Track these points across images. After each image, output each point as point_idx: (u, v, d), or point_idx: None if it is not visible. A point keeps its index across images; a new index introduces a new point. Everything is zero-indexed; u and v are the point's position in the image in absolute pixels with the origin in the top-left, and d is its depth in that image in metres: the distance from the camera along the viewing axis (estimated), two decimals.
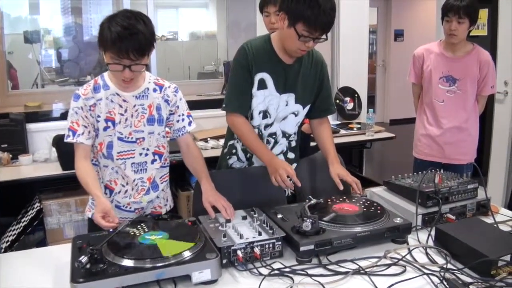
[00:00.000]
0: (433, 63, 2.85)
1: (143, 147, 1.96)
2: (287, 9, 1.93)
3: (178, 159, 3.32)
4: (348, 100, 4.52)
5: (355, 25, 4.57)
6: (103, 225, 1.63)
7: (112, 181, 1.97)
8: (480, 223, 1.77)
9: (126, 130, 1.91)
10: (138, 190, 2.00)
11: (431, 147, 2.93)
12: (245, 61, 2.09)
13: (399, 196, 2.02)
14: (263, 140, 2.19)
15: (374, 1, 8.39)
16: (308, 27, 1.88)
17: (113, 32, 1.68)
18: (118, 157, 1.93)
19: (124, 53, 1.69)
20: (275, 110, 2.16)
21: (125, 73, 1.75)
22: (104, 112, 1.87)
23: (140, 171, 1.98)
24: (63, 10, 7.11)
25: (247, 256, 1.56)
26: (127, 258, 1.44)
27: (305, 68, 2.16)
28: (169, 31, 9.11)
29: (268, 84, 2.11)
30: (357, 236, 1.65)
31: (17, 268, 1.65)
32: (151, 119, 1.94)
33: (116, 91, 1.88)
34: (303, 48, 1.98)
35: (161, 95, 1.96)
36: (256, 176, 2.22)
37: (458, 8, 2.63)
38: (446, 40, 2.81)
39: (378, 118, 8.96)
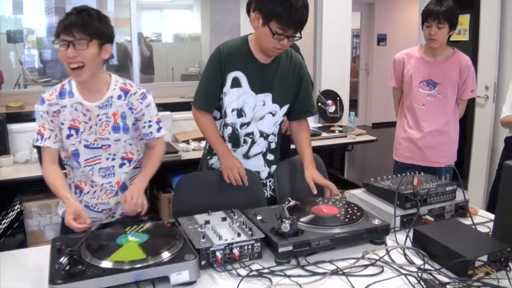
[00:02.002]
0: (414, 67, 2.89)
1: (109, 153, 1.96)
2: (260, 8, 1.97)
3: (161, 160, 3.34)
4: (330, 103, 4.55)
5: (338, 29, 4.61)
6: (74, 226, 1.64)
7: (82, 182, 1.98)
8: (458, 225, 1.79)
9: (91, 137, 1.91)
10: (107, 192, 2.00)
11: (411, 150, 2.96)
12: (217, 61, 2.12)
13: (378, 198, 2.03)
14: (239, 139, 2.21)
15: (357, 6, 8.48)
16: (281, 25, 1.93)
17: (66, 17, 1.73)
18: (85, 164, 1.94)
19: (67, 28, 1.70)
20: (252, 109, 2.18)
21: (69, 52, 1.72)
22: (68, 120, 1.87)
23: (108, 175, 1.98)
24: (47, 10, 7.05)
25: (226, 257, 1.56)
26: (106, 260, 1.43)
27: (283, 69, 2.18)
28: (153, 32, 9.08)
29: (243, 82, 2.14)
30: (335, 237, 1.66)
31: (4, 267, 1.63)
32: (116, 127, 1.93)
33: (79, 100, 1.87)
34: (278, 47, 2.01)
35: (125, 102, 1.94)
36: None
37: (437, 13, 2.67)
38: (426, 45, 2.84)
39: (361, 121, 9.03)
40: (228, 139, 2.22)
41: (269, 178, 2.32)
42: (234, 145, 2.23)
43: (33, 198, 3.24)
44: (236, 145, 2.23)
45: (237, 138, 2.21)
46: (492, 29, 3.99)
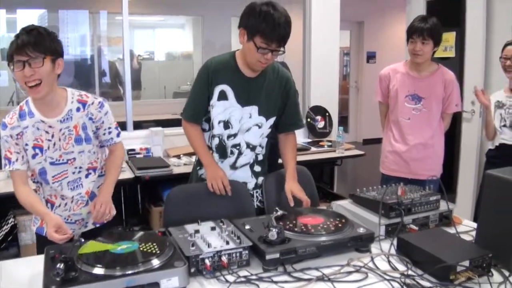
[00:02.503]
0: (399, 82, 2.97)
1: (75, 166, 2.02)
2: (245, 25, 2.09)
3: (151, 175, 3.40)
4: (319, 118, 4.63)
5: (326, 47, 4.70)
6: (56, 238, 1.68)
7: (52, 196, 2.04)
8: (441, 233, 1.84)
9: (56, 154, 1.97)
10: (78, 203, 2.06)
11: (397, 163, 3.02)
12: (205, 75, 2.21)
13: (364, 208, 2.08)
14: (227, 150, 2.28)
15: (347, 24, 8.62)
16: (265, 40, 2.03)
17: (16, 39, 1.78)
18: (53, 181, 2.00)
19: (21, 48, 1.76)
20: (238, 121, 2.25)
21: (25, 71, 1.77)
22: (31, 140, 1.93)
23: (76, 187, 2.05)
24: None
25: (215, 264, 1.60)
26: (98, 267, 1.47)
27: (269, 82, 2.26)
28: (145, 50, 9.17)
29: (229, 95, 2.22)
30: (321, 245, 1.70)
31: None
32: (79, 139, 2.00)
33: (41, 118, 1.92)
34: (262, 61, 2.10)
35: (84, 113, 2.00)
36: None
37: (422, 30, 2.76)
38: (411, 60, 2.93)
39: (351, 137, 9.11)
40: (216, 150, 2.29)
41: (256, 189, 2.38)
42: (222, 156, 2.29)
43: (27, 212, 3.21)
44: (223, 156, 2.29)
45: (224, 149, 2.28)
46: (477, 46, 4.10)
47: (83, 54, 7.58)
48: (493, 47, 3.99)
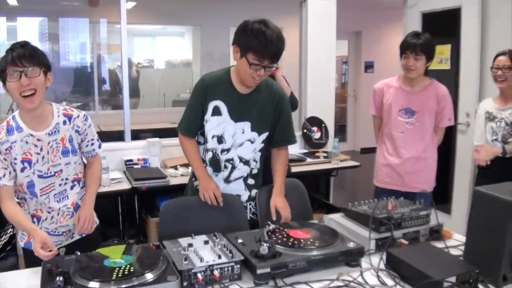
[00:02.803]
0: (393, 96, 3.02)
1: (62, 178, 2.08)
2: (238, 42, 2.14)
3: (148, 185, 3.43)
4: (315, 129, 4.66)
5: (323, 57, 4.74)
6: (42, 255, 1.72)
7: (38, 210, 2.08)
8: (429, 248, 1.87)
9: (44, 167, 2.02)
10: (64, 215, 2.11)
11: (391, 176, 3.06)
12: (199, 90, 2.28)
13: (355, 222, 2.11)
14: (220, 164, 2.33)
15: (345, 34, 8.69)
16: (257, 56, 2.08)
17: (10, 52, 1.88)
18: (41, 193, 2.04)
19: (17, 60, 1.85)
20: (231, 136, 2.30)
21: (22, 80, 1.86)
22: (20, 154, 1.97)
23: (63, 199, 2.10)
24: (41, 37, 7.17)
25: (207, 278, 1.63)
26: (93, 280, 1.51)
27: (262, 99, 2.31)
28: (145, 58, 9.23)
29: (223, 111, 2.27)
30: (311, 259, 1.74)
31: None
32: (66, 151, 2.08)
33: (29, 132, 1.98)
34: (255, 77, 2.15)
35: (70, 126, 2.09)
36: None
37: (414, 46, 2.82)
38: (405, 75, 2.97)
39: (349, 146, 9.15)
40: (209, 164, 2.34)
41: (250, 201, 2.42)
42: (215, 170, 2.34)
43: None
44: (217, 169, 2.34)
45: (218, 163, 2.33)
46: (472, 58, 4.16)
47: (83, 62, 7.62)
48: (487, 59, 4.02)
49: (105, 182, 3.42)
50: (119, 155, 3.96)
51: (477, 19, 4.09)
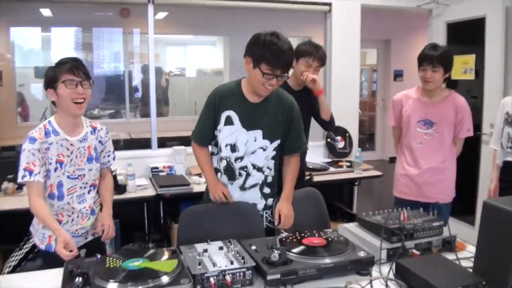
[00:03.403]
0: (411, 107, 3.04)
1: (83, 182, 2.27)
2: (250, 53, 2.25)
3: (172, 192, 3.54)
4: (339, 139, 4.70)
5: (347, 66, 4.77)
6: (64, 254, 1.84)
7: (59, 214, 2.24)
8: (439, 259, 1.88)
9: (71, 169, 2.22)
10: (83, 216, 2.28)
11: (410, 186, 3.08)
12: (212, 102, 2.39)
13: (368, 232, 2.15)
14: (235, 172, 2.42)
15: (373, 43, 8.67)
16: (270, 66, 2.18)
17: (66, 63, 2.12)
18: (68, 193, 2.23)
19: (75, 70, 2.14)
20: (244, 145, 2.38)
21: (78, 89, 2.15)
22: (55, 155, 2.16)
23: (82, 201, 2.30)
24: (75, 46, 7.41)
25: (219, 283, 1.70)
26: (111, 281, 1.60)
27: (273, 107, 2.39)
28: (177, 67, 9.41)
29: (235, 121, 2.36)
30: (321, 267, 1.79)
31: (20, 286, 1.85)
32: (90, 158, 2.32)
33: (65, 137, 2.22)
34: (267, 86, 2.25)
35: (95, 137, 2.36)
36: (238, 210, 2.40)
37: (432, 58, 2.85)
38: (423, 87, 3.00)
39: (378, 155, 9.10)
40: (224, 172, 2.43)
41: (266, 209, 2.49)
42: (230, 178, 2.43)
43: None
44: (232, 178, 2.42)
45: (232, 171, 2.41)
46: (496, 68, 4.14)
47: (115, 71, 7.84)
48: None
49: (131, 188, 3.55)
50: (146, 162, 4.10)
51: (501, 28, 4.07)
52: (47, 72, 2.18)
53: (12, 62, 6.67)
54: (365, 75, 10.37)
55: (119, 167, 3.70)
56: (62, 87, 2.14)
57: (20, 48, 6.99)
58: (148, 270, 1.71)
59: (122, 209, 3.67)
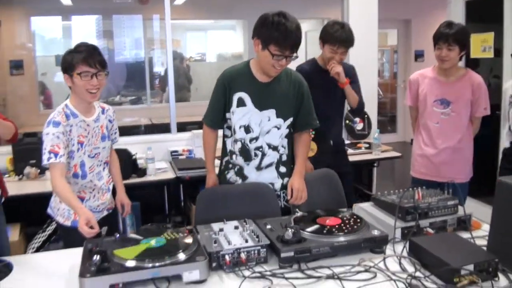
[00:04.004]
0: (428, 87, 3.02)
1: (99, 160, 2.38)
2: (259, 35, 2.26)
3: (191, 175, 3.60)
4: (357, 120, 4.69)
5: (365, 48, 4.70)
6: (86, 231, 1.88)
7: (81, 192, 2.35)
8: (453, 237, 1.89)
9: (89, 148, 2.32)
10: (103, 192, 2.40)
11: (427, 166, 3.08)
12: (221, 84, 2.42)
13: (383, 211, 2.17)
14: (250, 153, 2.45)
15: (393, 23, 8.55)
16: (279, 47, 2.20)
17: (82, 52, 2.17)
18: (90, 171, 2.33)
19: (92, 62, 2.18)
20: (258, 125, 2.41)
21: (93, 81, 2.20)
22: (75, 137, 2.25)
23: (100, 178, 2.41)
24: (96, 34, 7.50)
25: (234, 260, 1.75)
26: (129, 259, 1.66)
27: (283, 86, 2.42)
28: (197, 52, 9.46)
29: (247, 102, 2.40)
30: (334, 245, 1.82)
31: (41, 266, 1.95)
32: (104, 136, 2.42)
33: (83, 118, 2.30)
34: (277, 66, 2.27)
35: (105, 116, 2.45)
36: (254, 191, 2.45)
37: (447, 36, 2.82)
38: (439, 66, 2.97)
39: (399, 137, 9.03)
40: (239, 154, 2.46)
41: (283, 189, 2.52)
42: (246, 159, 2.46)
43: None
44: (248, 159, 2.46)
45: (247, 152, 2.45)
46: None
47: (137, 57, 7.92)
48: None
49: (151, 172, 3.63)
50: (166, 146, 4.17)
51: None
52: (65, 56, 2.23)
53: (33, 51, 6.81)
54: (386, 57, 10.25)
55: (139, 151, 3.79)
56: (77, 77, 2.19)
57: (41, 37, 7.13)
58: (166, 247, 1.76)
59: (143, 192, 3.79)
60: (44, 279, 1.79)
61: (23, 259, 2.12)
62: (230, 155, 2.51)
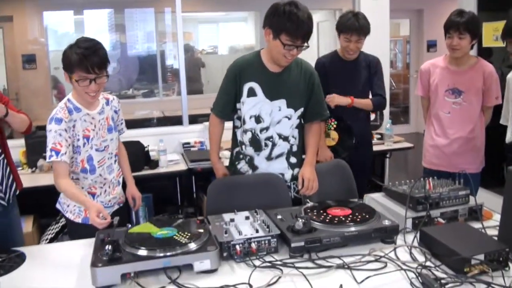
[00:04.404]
0: (439, 76, 3.00)
1: (109, 152, 2.33)
2: (270, 24, 2.25)
3: (203, 166, 3.62)
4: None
5: (376, 38, 4.65)
6: (98, 222, 1.88)
7: (92, 187, 2.31)
8: (464, 227, 1.90)
9: (98, 142, 2.27)
10: (113, 186, 2.37)
11: (439, 157, 3.06)
12: (232, 74, 2.41)
13: (394, 201, 2.17)
14: (260, 143, 2.46)
15: (406, 13, 8.48)
16: (291, 37, 2.19)
17: (79, 54, 2.04)
18: (99, 165, 2.29)
19: (90, 68, 2.05)
20: (269, 115, 2.42)
21: (91, 86, 2.12)
22: (81, 131, 2.20)
23: (111, 171, 2.38)
24: (109, 28, 7.54)
25: (245, 250, 1.77)
26: (141, 248, 1.68)
27: (294, 76, 2.42)
28: (209, 45, 9.47)
29: (258, 92, 2.39)
30: (345, 235, 1.83)
31: (54, 256, 1.99)
32: (110, 128, 2.36)
33: (86, 112, 2.24)
34: (288, 56, 2.26)
35: (109, 107, 2.37)
36: (265, 181, 2.46)
37: (458, 25, 2.79)
38: (450, 55, 2.95)
39: (412, 129, 8.98)
40: (249, 144, 2.47)
41: (293, 180, 2.53)
42: (257, 149, 2.47)
43: None
44: (258, 149, 2.47)
45: (258, 142, 2.46)
46: None
47: (149, 50, 7.94)
48: None
49: (163, 163, 3.66)
50: (178, 138, 4.21)
51: None
52: (64, 55, 2.13)
53: (45, 45, 6.86)
54: (399, 47, 10.17)
55: (152, 143, 3.83)
56: (75, 82, 2.11)
57: (53, 32, 7.17)
58: (177, 237, 1.78)
59: (155, 183, 3.82)
60: (57, 269, 1.82)
61: (36, 249, 2.16)
62: (240, 146, 2.52)
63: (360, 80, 3.18)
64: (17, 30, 6.75)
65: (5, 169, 2.35)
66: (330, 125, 3.26)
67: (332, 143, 3.24)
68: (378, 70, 3.28)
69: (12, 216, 2.40)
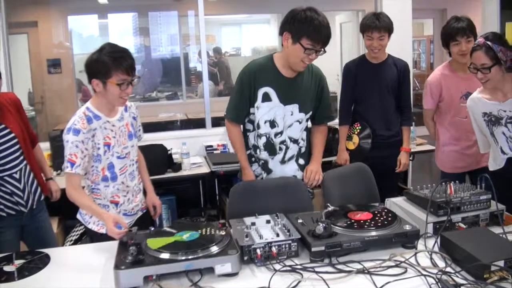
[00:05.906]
0: (451, 85, 3.00)
1: (130, 159, 2.32)
2: (290, 29, 2.28)
3: (225, 169, 3.66)
4: None
5: (399, 38, 4.61)
6: (116, 233, 1.89)
7: (115, 196, 2.30)
8: (485, 232, 1.88)
9: (119, 149, 2.26)
10: (135, 193, 2.37)
11: (463, 160, 3.06)
12: (246, 79, 2.43)
13: (415, 206, 2.17)
14: (275, 147, 2.50)
15: (429, 12, 8.38)
16: (312, 41, 2.23)
17: (115, 57, 2.08)
18: (120, 173, 2.28)
19: (129, 70, 2.11)
20: (282, 119, 2.46)
21: (128, 90, 2.15)
22: (101, 139, 2.20)
23: (133, 178, 2.37)
24: (133, 31, 7.64)
25: (265, 254, 1.79)
26: (163, 252, 1.72)
27: (306, 81, 2.46)
28: (232, 47, 9.53)
29: (272, 97, 2.43)
30: (365, 240, 1.84)
31: (77, 258, 2.04)
32: (130, 135, 2.34)
33: (106, 120, 2.23)
34: (306, 61, 2.30)
35: (128, 114, 2.36)
36: (286, 185, 2.48)
37: (464, 29, 2.82)
38: (458, 61, 2.95)
39: None
40: (264, 148, 2.51)
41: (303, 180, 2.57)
42: (271, 153, 2.52)
43: None
44: (272, 153, 2.52)
45: (272, 146, 2.50)
46: None
47: (173, 53, 8.02)
48: None
49: (186, 166, 3.71)
50: (201, 141, 4.25)
51: None
52: (96, 60, 2.11)
53: (70, 49, 6.99)
54: (422, 47, 10.05)
55: (175, 146, 3.87)
56: (113, 85, 2.10)
57: (78, 35, 7.30)
58: (199, 241, 1.82)
59: (178, 186, 3.87)
60: (80, 271, 1.87)
61: (60, 251, 2.22)
62: (253, 149, 2.56)
63: (387, 83, 3.18)
64: (42, 35, 6.87)
65: (28, 176, 2.41)
66: (355, 129, 3.28)
67: (352, 147, 3.25)
68: (406, 78, 3.28)
69: (39, 220, 2.47)
